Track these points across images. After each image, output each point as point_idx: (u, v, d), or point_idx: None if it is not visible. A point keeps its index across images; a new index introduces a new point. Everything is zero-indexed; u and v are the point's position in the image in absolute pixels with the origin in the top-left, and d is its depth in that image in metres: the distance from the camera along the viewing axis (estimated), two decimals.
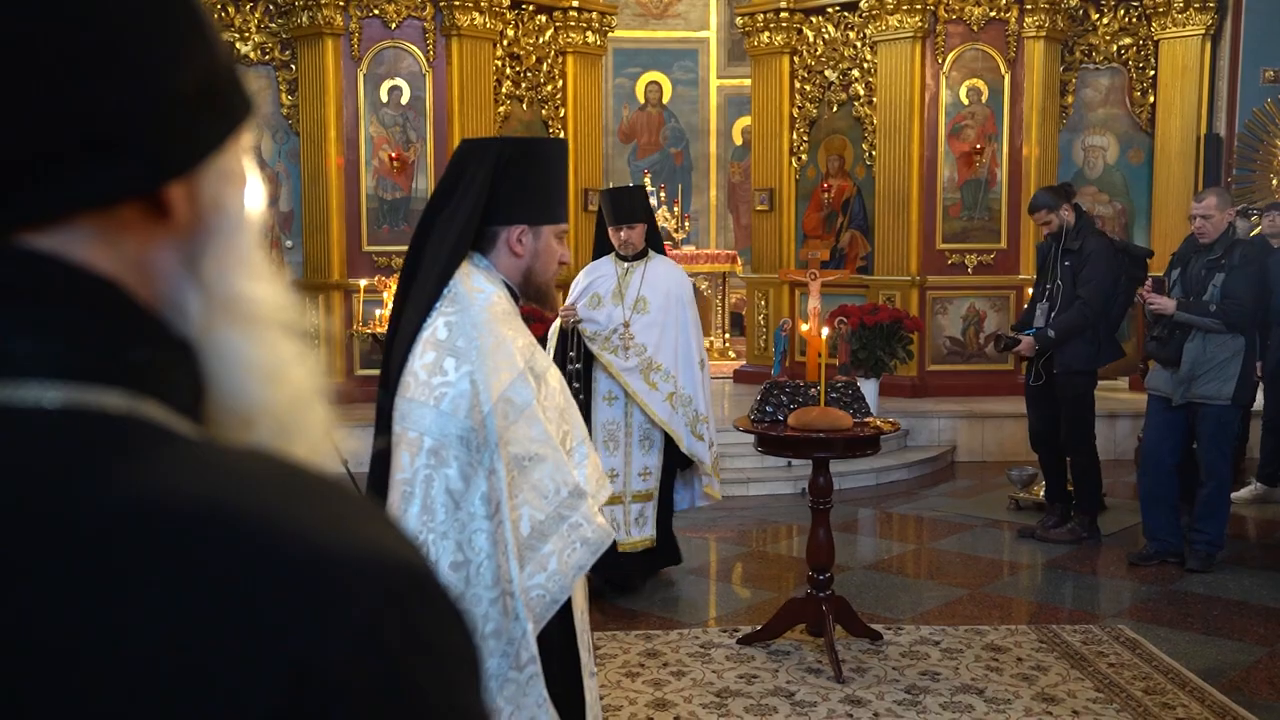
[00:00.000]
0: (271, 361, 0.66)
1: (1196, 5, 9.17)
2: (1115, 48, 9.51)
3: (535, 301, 2.57)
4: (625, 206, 5.31)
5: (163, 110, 0.59)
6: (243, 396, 0.65)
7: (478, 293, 2.38)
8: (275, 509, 0.54)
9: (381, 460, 2.38)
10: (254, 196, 0.67)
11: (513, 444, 2.30)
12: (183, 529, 0.52)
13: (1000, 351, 6.19)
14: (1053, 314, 6.17)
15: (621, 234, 5.25)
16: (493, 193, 2.42)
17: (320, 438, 0.69)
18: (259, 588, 0.51)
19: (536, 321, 8.06)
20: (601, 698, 4.07)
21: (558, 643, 2.44)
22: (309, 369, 0.69)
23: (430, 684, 0.54)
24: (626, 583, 5.34)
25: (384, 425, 2.37)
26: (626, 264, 5.30)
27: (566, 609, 2.43)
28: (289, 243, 9.16)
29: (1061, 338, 6.12)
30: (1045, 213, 6.18)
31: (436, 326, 2.33)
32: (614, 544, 4.02)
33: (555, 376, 2.51)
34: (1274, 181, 9.20)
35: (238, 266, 0.65)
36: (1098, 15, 9.50)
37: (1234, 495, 7.07)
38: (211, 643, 0.50)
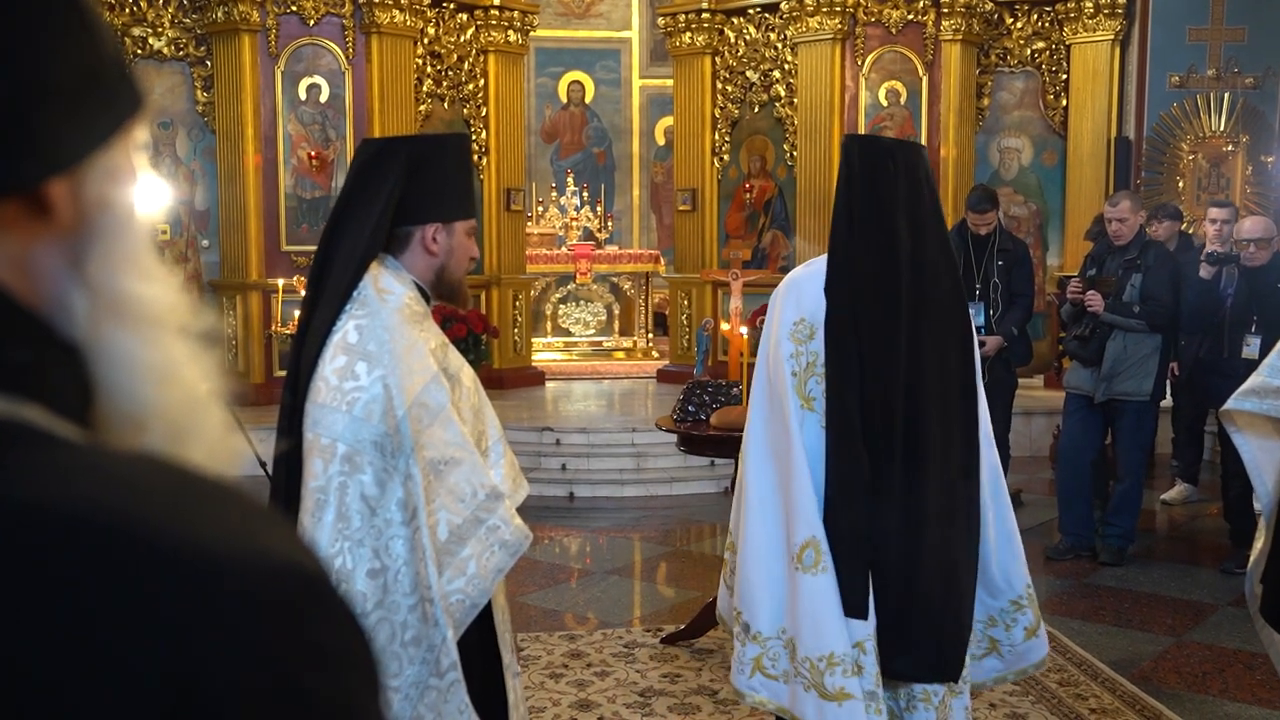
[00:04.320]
0: (163, 363, 0.63)
1: (1106, 11, 9.39)
2: (1029, 51, 9.70)
3: (447, 300, 2.55)
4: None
5: (41, 104, 0.56)
6: (133, 399, 0.62)
7: (388, 294, 2.34)
8: (159, 515, 0.52)
9: (284, 463, 2.34)
10: (145, 194, 0.65)
11: (428, 448, 2.26)
12: (59, 536, 0.49)
13: None
14: (992, 313, 6.28)
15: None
16: (405, 192, 2.38)
17: (217, 440, 0.67)
18: (140, 598, 0.49)
19: (458, 322, 8.04)
20: (526, 699, 4.04)
21: (478, 644, 2.42)
22: (203, 370, 0.66)
23: (325, 693, 0.52)
24: None
25: (286, 427, 2.32)
26: None
27: (486, 609, 2.40)
28: (205, 242, 8.99)
29: (1018, 335, 6.32)
30: (994, 213, 6.31)
31: (347, 330, 2.28)
32: None
33: (469, 376, 2.48)
34: (1180, 184, 9.46)
35: (126, 266, 0.62)
36: (1012, 20, 9.69)
37: (1165, 496, 7.25)
38: (89, 657, 0.47)
